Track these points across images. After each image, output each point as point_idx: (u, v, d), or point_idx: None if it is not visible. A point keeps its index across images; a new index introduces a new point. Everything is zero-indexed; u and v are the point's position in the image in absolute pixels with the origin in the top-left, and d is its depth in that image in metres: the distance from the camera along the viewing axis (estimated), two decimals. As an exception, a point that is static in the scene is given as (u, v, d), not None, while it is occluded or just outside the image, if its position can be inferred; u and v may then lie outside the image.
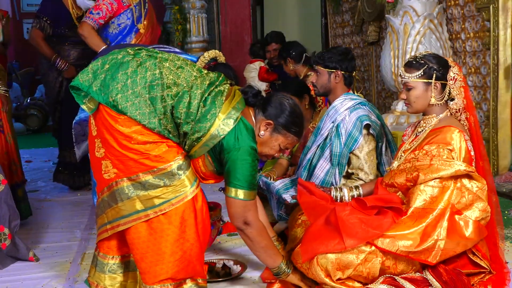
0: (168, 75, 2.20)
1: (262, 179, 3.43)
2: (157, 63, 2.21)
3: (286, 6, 9.00)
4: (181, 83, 2.20)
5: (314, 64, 3.25)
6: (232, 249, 3.16)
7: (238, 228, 2.30)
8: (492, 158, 4.11)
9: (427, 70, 2.51)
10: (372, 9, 5.53)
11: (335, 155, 3.05)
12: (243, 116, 2.27)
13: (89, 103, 2.23)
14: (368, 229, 2.34)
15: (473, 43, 4.31)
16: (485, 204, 2.43)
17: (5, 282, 2.82)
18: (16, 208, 3.13)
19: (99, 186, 2.30)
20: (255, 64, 6.14)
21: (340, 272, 2.34)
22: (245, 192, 2.23)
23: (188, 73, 2.24)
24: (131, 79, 2.17)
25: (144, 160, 2.16)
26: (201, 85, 2.23)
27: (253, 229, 2.30)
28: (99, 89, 2.19)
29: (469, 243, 2.39)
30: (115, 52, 2.28)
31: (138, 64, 2.20)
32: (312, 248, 2.36)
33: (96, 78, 2.20)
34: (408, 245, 2.31)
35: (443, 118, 2.56)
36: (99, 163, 2.24)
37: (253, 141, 2.25)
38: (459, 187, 2.41)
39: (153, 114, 2.15)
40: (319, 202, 2.57)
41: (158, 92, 2.16)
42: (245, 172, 2.22)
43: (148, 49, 2.35)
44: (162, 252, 2.19)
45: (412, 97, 2.55)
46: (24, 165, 5.16)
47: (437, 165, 2.40)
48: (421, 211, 2.38)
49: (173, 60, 2.28)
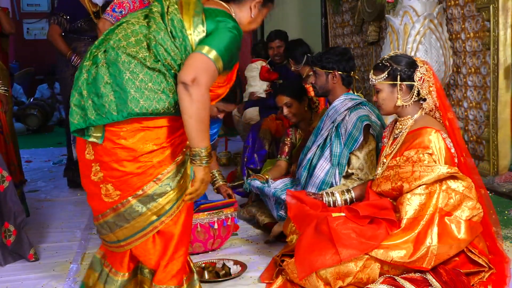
0: (134, 49, 2.10)
1: (255, 183, 3.43)
2: (117, 49, 2.11)
3: (286, 6, 8.99)
4: (146, 46, 2.11)
5: (312, 65, 3.27)
6: (232, 249, 3.16)
7: (184, 82, 2.03)
8: (492, 158, 4.11)
9: (391, 72, 2.53)
10: (372, 9, 5.52)
11: (335, 155, 3.05)
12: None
13: (95, 133, 2.12)
14: (362, 240, 2.34)
15: (473, 43, 4.30)
16: (474, 202, 2.44)
17: (5, 282, 2.82)
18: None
19: (97, 209, 2.19)
20: (256, 64, 6.15)
21: (340, 281, 2.36)
22: (216, 56, 2.07)
23: (142, 30, 2.15)
24: (114, 83, 2.08)
25: (149, 170, 2.10)
26: (158, 26, 2.14)
27: (200, 92, 2.04)
28: (97, 114, 2.08)
29: (462, 244, 2.40)
30: (78, 74, 2.17)
31: (107, 66, 2.11)
32: (308, 263, 2.35)
33: (86, 109, 2.10)
34: (402, 255, 2.33)
35: (418, 118, 2.57)
36: (97, 187, 2.15)
37: (235, 21, 2.18)
38: (445, 189, 2.42)
39: (153, 92, 2.07)
40: (308, 212, 2.58)
41: (141, 70, 2.08)
42: (226, 40, 2.11)
43: (103, 41, 2.20)
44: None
45: (380, 99, 2.60)
46: (24, 165, 5.18)
47: (419, 171, 2.42)
48: (412, 221, 2.41)
49: (125, 31, 2.15)
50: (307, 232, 2.46)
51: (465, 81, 4.46)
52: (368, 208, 2.51)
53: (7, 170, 3.11)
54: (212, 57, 2.06)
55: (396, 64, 2.54)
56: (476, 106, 4.36)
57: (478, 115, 4.34)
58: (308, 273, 2.34)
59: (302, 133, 3.85)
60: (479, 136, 4.32)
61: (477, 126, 4.37)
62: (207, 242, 3.03)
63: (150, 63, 2.10)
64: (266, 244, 3.19)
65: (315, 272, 2.35)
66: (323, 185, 3.07)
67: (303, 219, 2.56)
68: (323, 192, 2.88)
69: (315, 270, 2.33)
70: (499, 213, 3.30)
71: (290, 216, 2.65)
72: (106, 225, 2.17)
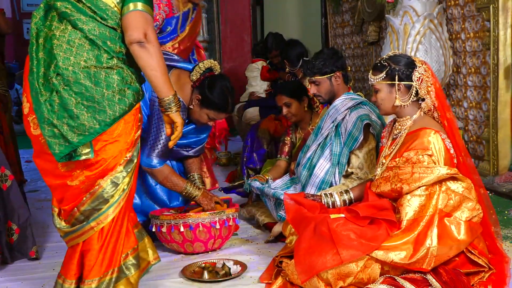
0: (85, 60, 2.13)
1: (255, 184, 3.43)
2: (72, 68, 2.12)
3: (286, 6, 9.00)
4: (90, 47, 2.15)
5: (309, 76, 3.23)
6: (232, 249, 3.16)
7: (138, 41, 2.13)
8: (492, 158, 4.11)
9: (389, 72, 2.53)
10: (372, 9, 5.52)
11: (335, 155, 3.05)
12: None
13: (84, 150, 2.15)
14: (363, 241, 2.34)
15: (473, 43, 4.30)
16: (474, 203, 2.44)
17: (5, 282, 2.82)
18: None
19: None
20: (257, 64, 6.16)
21: (341, 281, 2.35)
22: (143, 4, 2.16)
23: (73, 35, 2.14)
24: (85, 100, 2.12)
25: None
26: (84, 20, 2.15)
27: (154, 44, 2.16)
28: (79, 135, 2.12)
29: (462, 245, 2.40)
30: (37, 108, 2.15)
31: (69, 88, 2.12)
32: (308, 265, 2.35)
33: (64, 135, 2.12)
34: (402, 257, 2.33)
35: (417, 119, 2.57)
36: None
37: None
38: (445, 190, 2.42)
39: (122, 91, 2.14)
40: (306, 214, 2.58)
41: (103, 76, 2.13)
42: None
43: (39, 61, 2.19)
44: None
45: (379, 99, 2.60)
46: (24, 165, 5.18)
47: (418, 173, 2.43)
48: (412, 222, 2.41)
49: (61, 45, 2.14)
50: (305, 234, 2.45)
51: (465, 81, 4.46)
52: (368, 209, 2.51)
53: (9, 169, 3.11)
54: (142, 8, 2.16)
55: (395, 64, 2.54)
56: (476, 106, 4.36)
57: (478, 115, 4.34)
58: (309, 275, 2.34)
59: (302, 133, 3.86)
60: (479, 136, 4.32)
61: (477, 126, 4.37)
62: (208, 242, 3.03)
63: (107, 63, 2.14)
64: (266, 244, 3.19)
65: (317, 275, 2.35)
66: (323, 184, 3.07)
67: (301, 221, 2.56)
68: (321, 193, 2.87)
69: (317, 272, 2.33)
70: (499, 213, 3.30)
71: (288, 219, 2.65)
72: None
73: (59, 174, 2.23)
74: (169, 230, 2.98)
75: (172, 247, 3.07)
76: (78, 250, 2.30)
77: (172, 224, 2.97)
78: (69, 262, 2.33)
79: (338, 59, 3.18)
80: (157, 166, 3.09)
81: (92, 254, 2.26)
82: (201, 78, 3.08)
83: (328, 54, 3.19)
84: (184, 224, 2.96)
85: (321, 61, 3.15)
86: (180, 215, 3.01)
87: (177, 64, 3.19)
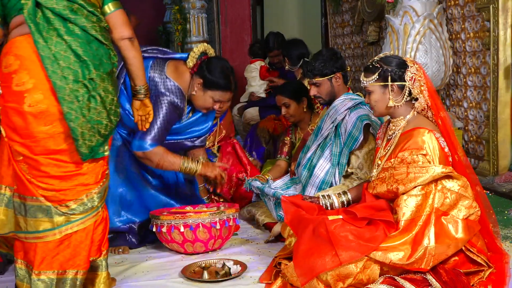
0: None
1: (255, 183, 3.43)
2: (92, 88, 2.27)
3: (286, 6, 9.00)
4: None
5: (309, 78, 3.23)
6: (232, 249, 3.16)
7: (129, 37, 2.44)
8: (492, 158, 4.11)
9: (382, 73, 2.53)
10: (372, 9, 5.53)
11: (335, 155, 3.05)
12: None
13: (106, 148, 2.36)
14: (361, 242, 2.34)
15: (473, 43, 4.31)
16: (470, 201, 2.44)
17: (5, 282, 2.82)
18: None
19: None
20: (255, 64, 6.17)
21: (341, 282, 2.35)
22: (118, 3, 2.38)
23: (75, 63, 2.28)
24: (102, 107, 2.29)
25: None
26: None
27: (136, 39, 2.48)
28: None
29: (459, 243, 2.40)
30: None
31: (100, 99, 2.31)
32: (308, 267, 2.35)
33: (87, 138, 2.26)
34: (401, 257, 2.33)
35: (410, 119, 2.58)
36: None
37: None
38: (441, 189, 2.42)
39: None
40: (304, 216, 2.58)
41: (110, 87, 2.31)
42: None
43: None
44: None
45: (372, 101, 2.60)
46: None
47: (413, 173, 2.43)
48: (409, 222, 2.41)
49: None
50: (304, 236, 2.45)
51: (465, 81, 4.46)
52: (365, 210, 2.51)
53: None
54: (120, 6, 2.39)
55: (387, 65, 2.54)
56: (476, 106, 4.36)
57: (478, 115, 4.34)
58: (309, 278, 2.34)
59: (302, 133, 3.86)
60: (479, 136, 4.32)
61: (477, 126, 4.37)
62: (208, 242, 3.03)
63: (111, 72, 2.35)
64: (266, 244, 3.19)
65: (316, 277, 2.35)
66: (323, 185, 3.07)
67: (299, 223, 2.56)
68: (319, 195, 2.87)
69: (316, 274, 2.33)
70: (499, 213, 3.30)
71: (286, 221, 2.65)
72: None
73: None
74: (169, 230, 2.98)
75: (172, 247, 3.07)
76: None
77: (172, 224, 2.97)
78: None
79: (337, 60, 3.18)
80: (149, 148, 2.96)
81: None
82: (198, 63, 3.07)
83: (327, 55, 3.19)
84: (185, 224, 2.96)
85: (321, 63, 3.16)
86: (181, 215, 3.02)
87: (172, 56, 3.18)
